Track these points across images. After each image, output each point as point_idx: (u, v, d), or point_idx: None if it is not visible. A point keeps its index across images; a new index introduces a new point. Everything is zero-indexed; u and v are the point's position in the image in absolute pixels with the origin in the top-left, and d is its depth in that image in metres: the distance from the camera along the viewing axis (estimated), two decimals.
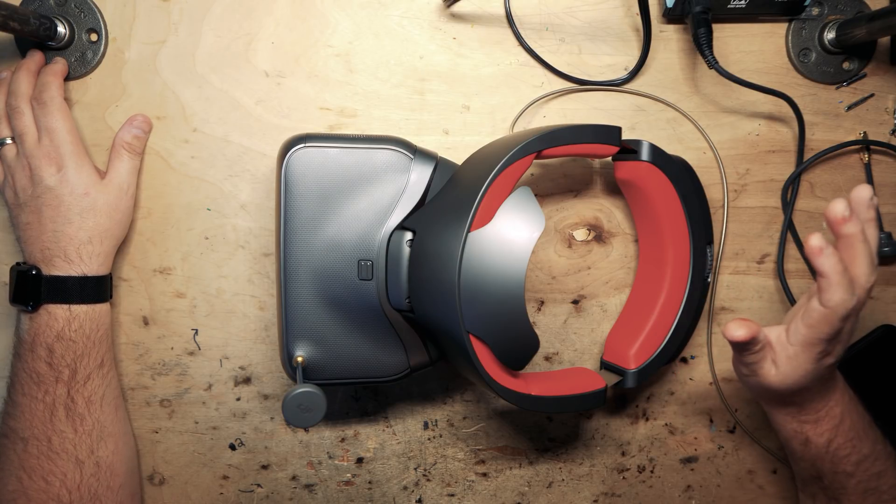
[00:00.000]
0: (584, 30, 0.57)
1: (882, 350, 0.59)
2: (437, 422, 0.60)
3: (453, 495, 0.61)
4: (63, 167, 0.49)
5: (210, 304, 0.56)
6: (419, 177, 0.49)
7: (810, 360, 0.43)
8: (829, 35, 0.57)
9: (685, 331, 0.54)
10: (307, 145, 0.47)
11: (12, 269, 0.50)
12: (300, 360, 0.49)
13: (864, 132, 0.59)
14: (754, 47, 0.58)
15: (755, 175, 0.59)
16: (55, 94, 0.50)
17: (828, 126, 0.59)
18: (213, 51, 0.54)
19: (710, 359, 0.61)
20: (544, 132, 0.45)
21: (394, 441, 0.59)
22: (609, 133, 0.47)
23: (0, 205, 0.54)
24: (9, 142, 0.50)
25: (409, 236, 0.48)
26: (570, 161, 0.58)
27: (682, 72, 0.58)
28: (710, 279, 0.55)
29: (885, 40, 0.58)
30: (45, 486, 0.48)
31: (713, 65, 0.52)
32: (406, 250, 0.48)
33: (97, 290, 0.50)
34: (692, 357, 0.61)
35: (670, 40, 0.57)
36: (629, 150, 0.52)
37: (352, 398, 0.59)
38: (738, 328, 0.43)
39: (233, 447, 0.58)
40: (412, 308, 0.48)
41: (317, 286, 0.48)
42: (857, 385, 0.50)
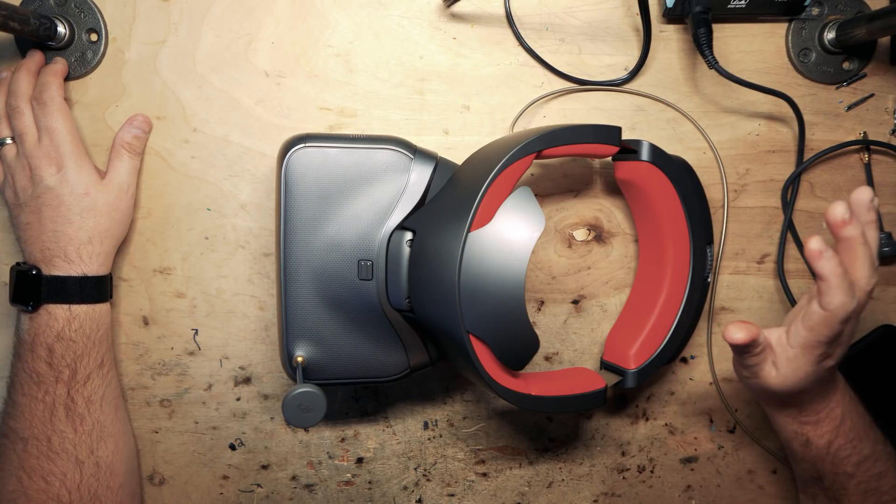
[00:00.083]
0: (584, 30, 0.57)
1: (882, 350, 0.59)
2: (437, 422, 0.60)
3: (453, 495, 0.61)
4: (63, 167, 0.49)
5: (210, 304, 0.56)
6: (419, 177, 0.49)
7: (810, 363, 0.43)
8: (829, 35, 0.57)
9: (685, 331, 0.54)
10: (307, 145, 0.47)
11: (12, 269, 0.50)
12: (300, 360, 0.49)
13: (864, 132, 0.59)
14: (754, 47, 0.58)
15: (755, 175, 0.59)
16: (55, 94, 0.50)
17: (828, 126, 0.59)
18: (213, 51, 0.54)
19: (710, 359, 0.61)
20: (544, 132, 0.45)
21: (394, 441, 0.59)
22: (609, 133, 0.47)
23: (0, 205, 0.54)
24: (9, 142, 0.50)
25: (409, 236, 0.48)
26: (570, 161, 0.58)
27: (682, 72, 0.58)
28: (710, 279, 0.55)
29: (885, 40, 0.58)
30: (44, 486, 0.48)
31: (713, 65, 0.52)
32: (406, 250, 0.48)
33: (97, 290, 0.50)
34: (692, 357, 0.61)
35: (670, 40, 0.57)
36: (629, 150, 0.52)
37: (352, 398, 0.59)
38: (738, 331, 0.42)
39: (233, 447, 0.58)
40: (412, 308, 0.48)
41: (317, 286, 0.48)
42: (858, 385, 0.50)
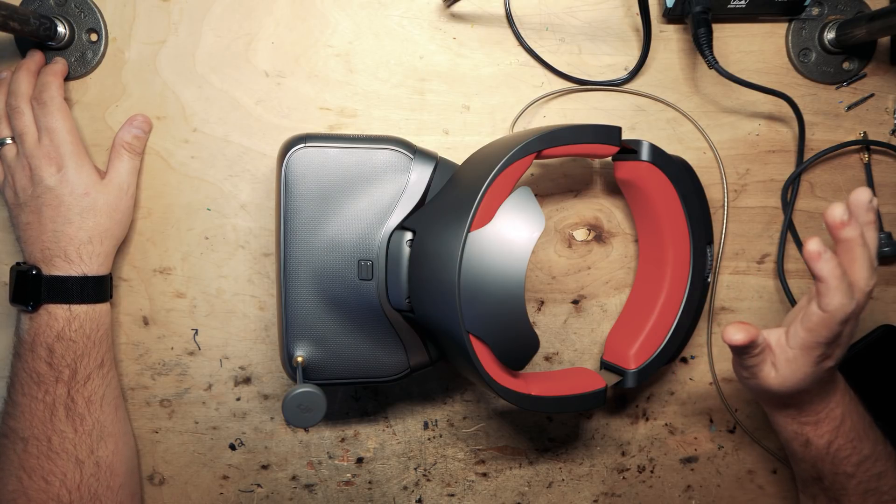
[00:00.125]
0: (584, 30, 0.57)
1: (882, 350, 0.59)
2: (437, 422, 0.60)
3: (453, 495, 0.61)
4: (63, 167, 0.49)
5: (210, 304, 0.56)
6: (419, 177, 0.49)
7: (810, 363, 0.43)
8: (829, 35, 0.57)
9: (685, 331, 0.54)
10: (307, 145, 0.47)
11: (12, 269, 0.50)
12: (300, 360, 0.49)
13: (864, 132, 0.59)
14: (754, 47, 0.58)
15: (755, 175, 0.59)
16: (55, 94, 0.50)
17: (828, 126, 0.59)
18: (213, 51, 0.54)
19: (710, 359, 0.61)
20: (544, 132, 0.45)
21: (394, 441, 0.59)
22: (609, 133, 0.47)
23: (0, 205, 0.54)
24: (9, 142, 0.50)
25: (409, 236, 0.48)
26: (570, 161, 0.58)
27: (682, 72, 0.58)
28: (710, 279, 0.55)
29: (885, 40, 0.58)
30: (44, 486, 0.48)
31: (713, 65, 0.52)
32: (406, 250, 0.48)
33: (97, 290, 0.50)
34: (692, 357, 0.61)
35: (670, 40, 0.57)
36: (629, 150, 0.52)
37: (352, 398, 0.59)
38: (737, 332, 0.42)
39: (233, 447, 0.58)
40: (412, 308, 0.48)
41: (317, 286, 0.48)
42: (857, 385, 0.50)
